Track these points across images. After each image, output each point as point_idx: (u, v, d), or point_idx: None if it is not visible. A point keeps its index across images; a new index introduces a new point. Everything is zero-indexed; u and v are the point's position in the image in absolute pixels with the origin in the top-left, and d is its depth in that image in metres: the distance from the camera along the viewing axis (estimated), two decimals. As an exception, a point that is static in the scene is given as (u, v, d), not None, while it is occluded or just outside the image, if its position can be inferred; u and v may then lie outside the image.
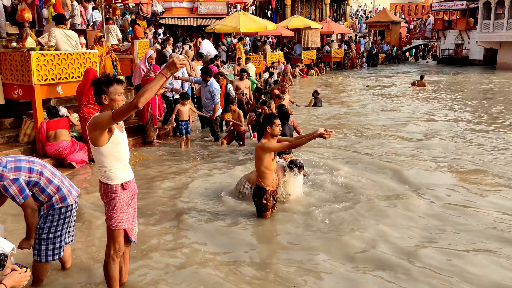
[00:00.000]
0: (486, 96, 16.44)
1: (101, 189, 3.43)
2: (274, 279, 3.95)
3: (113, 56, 10.05)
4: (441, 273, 3.98)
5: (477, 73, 25.69)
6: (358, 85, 20.35)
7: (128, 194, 3.47)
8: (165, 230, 4.98)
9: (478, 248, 4.50)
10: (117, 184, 3.36)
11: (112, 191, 3.37)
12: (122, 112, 3.10)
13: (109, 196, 3.38)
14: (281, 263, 4.23)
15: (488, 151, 8.30)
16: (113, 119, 3.12)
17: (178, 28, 25.45)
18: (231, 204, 5.72)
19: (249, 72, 13.56)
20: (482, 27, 29.37)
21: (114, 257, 3.50)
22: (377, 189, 6.18)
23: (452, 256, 4.31)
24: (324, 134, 4.63)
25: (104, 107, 3.32)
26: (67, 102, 8.79)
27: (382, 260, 4.23)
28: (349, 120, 11.54)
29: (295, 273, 4.03)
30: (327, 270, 4.09)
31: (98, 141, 3.23)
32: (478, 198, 5.88)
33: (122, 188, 3.39)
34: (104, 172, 3.35)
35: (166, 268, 4.14)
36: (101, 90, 3.29)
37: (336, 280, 3.94)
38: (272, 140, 5.17)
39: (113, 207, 3.40)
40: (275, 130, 5.13)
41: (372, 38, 38.24)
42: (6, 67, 7.36)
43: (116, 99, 3.30)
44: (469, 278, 3.92)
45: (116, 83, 3.33)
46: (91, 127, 3.22)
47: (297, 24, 25.16)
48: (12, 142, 7.46)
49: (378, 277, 3.95)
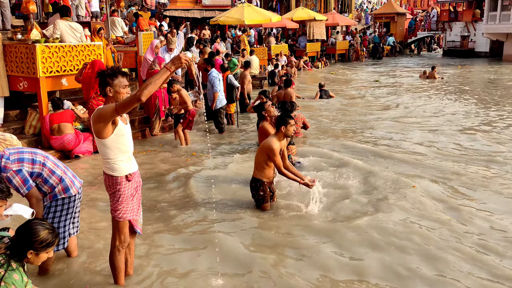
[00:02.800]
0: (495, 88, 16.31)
1: (105, 180, 3.46)
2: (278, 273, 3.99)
3: (112, 48, 10.06)
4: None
5: (483, 65, 25.50)
6: (362, 78, 20.24)
7: (133, 185, 3.50)
8: (166, 219, 5.03)
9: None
10: (121, 176, 3.39)
11: (116, 183, 3.39)
12: (125, 105, 3.12)
13: (113, 188, 3.41)
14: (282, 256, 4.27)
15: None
16: (116, 111, 3.14)
17: (183, 20, 25.41)
18: (230, 195, 5.77)
19: (252, 64, 13.62)
20: (488, 19, 29.07)
21: (119, 248, 3.54)
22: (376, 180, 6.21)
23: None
24: (309, 185, 5.03)
25: (109, 99, 3.34)
26: (72, 94, 8.82)
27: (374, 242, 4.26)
28: (356, 114, 11.54)
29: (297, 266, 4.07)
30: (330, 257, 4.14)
31: (102, 133, 3.25)
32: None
33: (126, 180, 3.42)
34: (108, 164, 3.37)
35: (166, 258, 4.19)
36: (105, 82, 3.31)
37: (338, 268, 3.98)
38: (283, 140, 5.17)
39: (118, 199, 3.43)
40: (289, 130, 5.12)
41: (377, 30, 37.96)
42: (12, 59, 7.39)
43: (120, 91, 3.32)
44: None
45: (120, 75, 3.34)
46: (95, 119, 3.24)
47: (302, 16, 25.01)
48: (18, 134, 7.50)
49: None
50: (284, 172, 5.11)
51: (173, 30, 15.74)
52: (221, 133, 9.31)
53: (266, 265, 4.06)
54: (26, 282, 2.63)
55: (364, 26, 38.74)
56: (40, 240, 2.67)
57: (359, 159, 7.17)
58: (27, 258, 2.67)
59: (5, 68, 7.45)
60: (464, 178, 6.37)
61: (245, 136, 9.14)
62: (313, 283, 3.78)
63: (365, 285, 3.76)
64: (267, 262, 4.10)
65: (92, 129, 3.33)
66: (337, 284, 3.77)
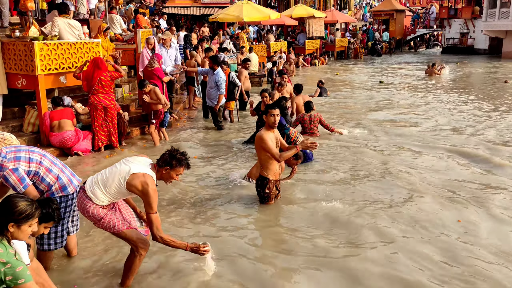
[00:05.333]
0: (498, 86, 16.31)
1: (84, 214, 3.55)
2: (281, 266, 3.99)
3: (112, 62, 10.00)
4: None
5: (482, 62, 25.50)
6: (363, 76, 20.23)
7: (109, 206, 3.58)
8: (167, 216, 5.03)
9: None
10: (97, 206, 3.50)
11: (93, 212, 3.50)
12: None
13: (91, 217, 3.51)
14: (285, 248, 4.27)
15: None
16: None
17: (181, 17, 25.34)
18: (233, 191, 5.77)
19: (251, 61, 13.53)
20: (487, 16, 29.06)
21: (141, 252, 3.55)
22: (381, 174, 6.21)
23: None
24: (308, 147, 4.98)
25: (161, 173, 3.50)
26: (71, 91, 8.80)
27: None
28: (358, 108, 11.54)
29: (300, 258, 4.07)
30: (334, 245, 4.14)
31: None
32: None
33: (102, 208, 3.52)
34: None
35: (169, 255, 4.19)
36: (169, 164, 3.45)
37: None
38: (269, 130, 5.17)
39: (100, 219, 3.49)
40: (269, 120, 5.15)
41: (376, 28, 37.93)
42: (10, 56, 7.36)
43: (174, 177, 3.51)
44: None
45: (184, 167, 3.51)
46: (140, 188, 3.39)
47: (301, 13, 24.97)
48: (16, 132, 7.48)
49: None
50: (281, 160, 5.12)
51: (172, 28, 15.69)
52: (220, 130, 9.30)
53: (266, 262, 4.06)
54: (14, 253, 2.62)
55: (365, 23, 38.67)
56: (19, 211, 2.67)
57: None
58: (9, 231, 2.67)
59: (3, 66, 7.42)
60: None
61: (243, 133, 9.12)
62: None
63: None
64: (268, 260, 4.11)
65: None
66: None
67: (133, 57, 10.59)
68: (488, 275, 3.83)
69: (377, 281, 3.76)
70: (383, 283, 3.73)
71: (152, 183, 3.34)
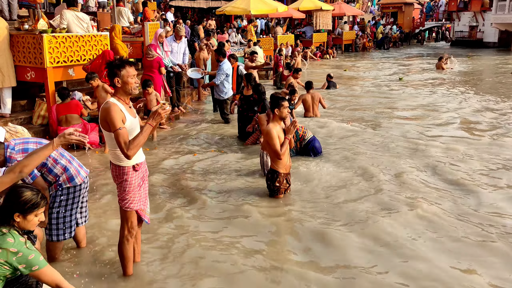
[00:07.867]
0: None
1: (112, 171, 3.48)
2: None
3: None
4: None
5: (492, 56, 25.26)
6: (375, 71, 20.12)
7: (139, 175, 3.52)
8: (177, 208, 5.07)
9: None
10: (128, 166, 3.41)
11: (123, 173, 3.42)
12: (120, 146, 3.25)
13: (120, 178, 3.44)
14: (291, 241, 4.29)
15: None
16: (126, 149, 3.24)
17: (189, 10, 25.31)
18: (242, 184, 5.80)
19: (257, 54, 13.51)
20: (497, 9, 28.76)
21: (128, 237, 3.57)
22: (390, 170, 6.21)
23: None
24: (292, 130, 4.98)
25: (118, 89, 3.36)
26: (79, 84, 8.85)
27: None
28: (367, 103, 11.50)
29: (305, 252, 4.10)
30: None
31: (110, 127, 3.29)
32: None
33: (133, 170, 3.44)
34: (115, 154, 3.39)
35: (175, 244, 4.23)
36: (113, 73, 3.33)
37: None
38: (280, 122, 5.20)
39: (124, 189, 3.45)
40: (283, 112, 5.19)
41: (385, 20, 37.67)
42: (19, 49, 7.41)
43: (128, 81, 3.34)
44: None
45: (128, 65, 3.35)
46: (102, 116, 3.29)
47: (308, 6, 24.83)
48: (26, 124, 7.55)
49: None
50: (282, 158, 5.14)
51: (179, 20, 15.69)
52: (227, 123, 9.32)
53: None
54: (24, 242, 2.66)
55: (373, 16, 38.40)
56: (25, 201, 2.70)
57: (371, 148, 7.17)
58: (16, 222, 2.71)
59: (12, 58, 7.48)
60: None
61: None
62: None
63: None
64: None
65: (99, 121, 3.35)
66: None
67: (141, 50, 10.61)
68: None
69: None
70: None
71: (113, 105, 3.28)
